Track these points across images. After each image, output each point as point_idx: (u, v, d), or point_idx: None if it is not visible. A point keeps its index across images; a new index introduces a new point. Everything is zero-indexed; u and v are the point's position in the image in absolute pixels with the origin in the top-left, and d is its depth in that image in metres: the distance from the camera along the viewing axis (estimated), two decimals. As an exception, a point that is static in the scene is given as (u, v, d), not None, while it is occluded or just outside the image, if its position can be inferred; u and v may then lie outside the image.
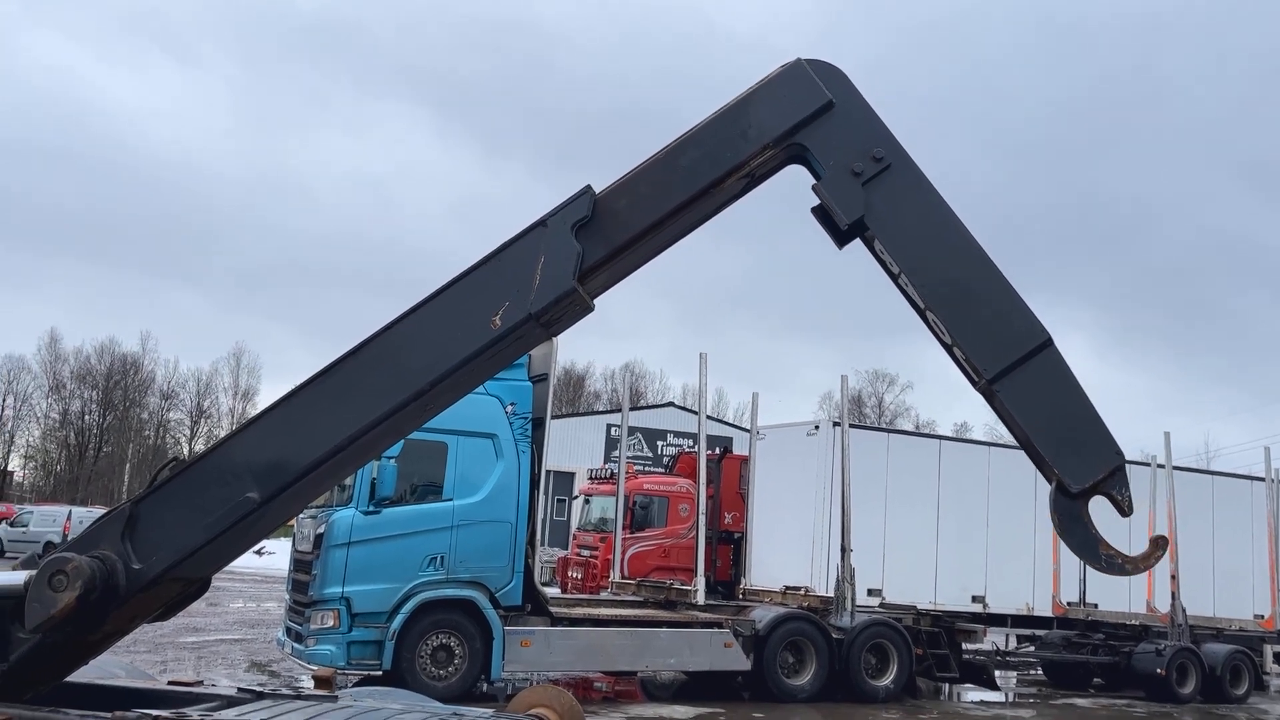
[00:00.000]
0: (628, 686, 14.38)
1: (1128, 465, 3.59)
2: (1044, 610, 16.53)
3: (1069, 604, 16.68)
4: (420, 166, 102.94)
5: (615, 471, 18.73)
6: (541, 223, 3.63)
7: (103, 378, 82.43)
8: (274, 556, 37.91)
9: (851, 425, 15.27)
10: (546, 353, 12.85)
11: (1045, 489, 3.47)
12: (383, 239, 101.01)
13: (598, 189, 3.67)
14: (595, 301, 3.79)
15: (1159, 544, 3.56)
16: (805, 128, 3.66)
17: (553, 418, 12.95)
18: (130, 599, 3.40)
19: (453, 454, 12.09)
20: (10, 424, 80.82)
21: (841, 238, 3.69)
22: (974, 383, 3.62)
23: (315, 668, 10.88)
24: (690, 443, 37.81)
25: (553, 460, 13.23)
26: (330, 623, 11.33)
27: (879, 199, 3.60)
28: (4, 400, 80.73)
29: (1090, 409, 3.52)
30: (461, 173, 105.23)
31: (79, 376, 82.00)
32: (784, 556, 15.91)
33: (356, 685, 9.47)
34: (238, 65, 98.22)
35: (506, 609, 11.96)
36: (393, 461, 11.65)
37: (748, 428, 17.03)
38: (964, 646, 15.88)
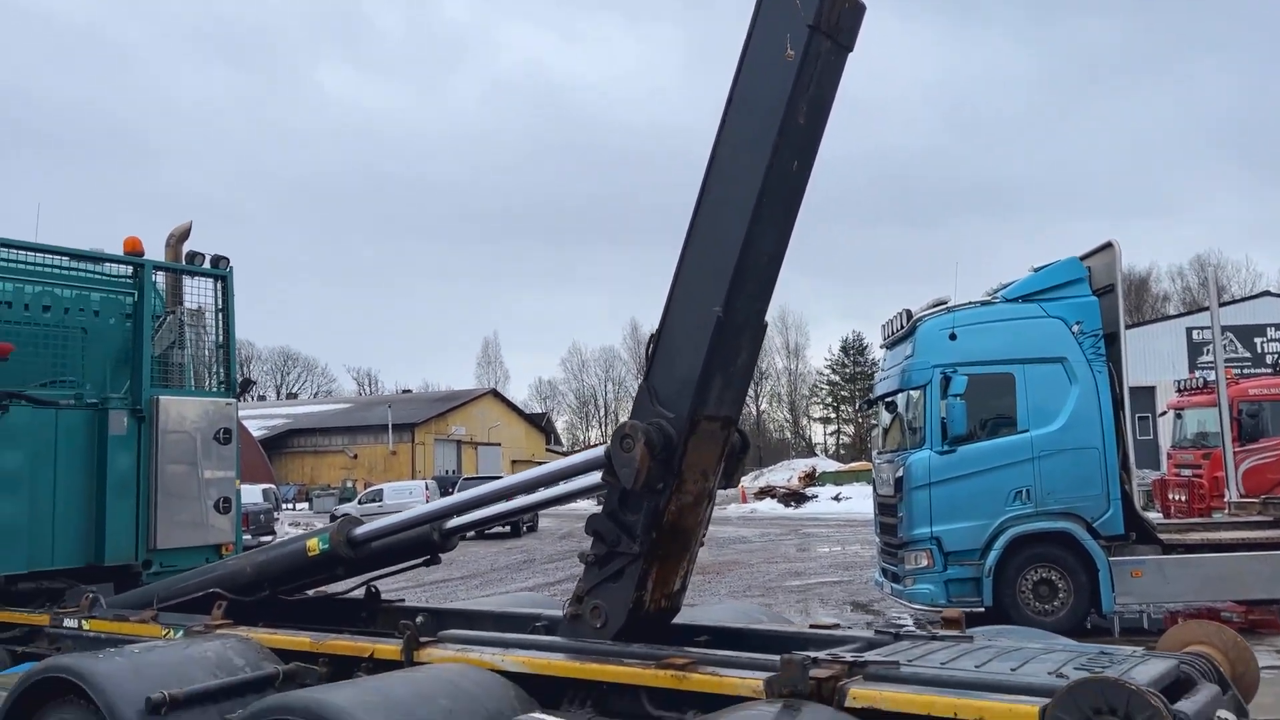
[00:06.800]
0: (1264, 616, 12.71)
1: None
2: None
3: None
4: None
5: (1209, 379, 16.68)
6: None
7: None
8: (850, 501, 39.76)
9: None
10: (1108, 261, 11.83)
11: None
12: (859, 154, 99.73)
13: None
14: None
15: None
16: None
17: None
18: (686, 447, 3.98)
19: (1021, 384, 11.65)
20: (614, 407, 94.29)
21: None
22: None
23: (919, 607, 11.20)
24: (1298, 334, 32.26)
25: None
26: (924, 563, 11.54)
27: None
28: (604, 387, 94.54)
29: None
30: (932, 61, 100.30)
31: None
32: None
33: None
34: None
35: (1108, 539, 11.23)
36: (960, 399, 11.53)
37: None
38: None
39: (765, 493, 46.45)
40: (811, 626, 4.42)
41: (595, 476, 4.39)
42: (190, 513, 7.30)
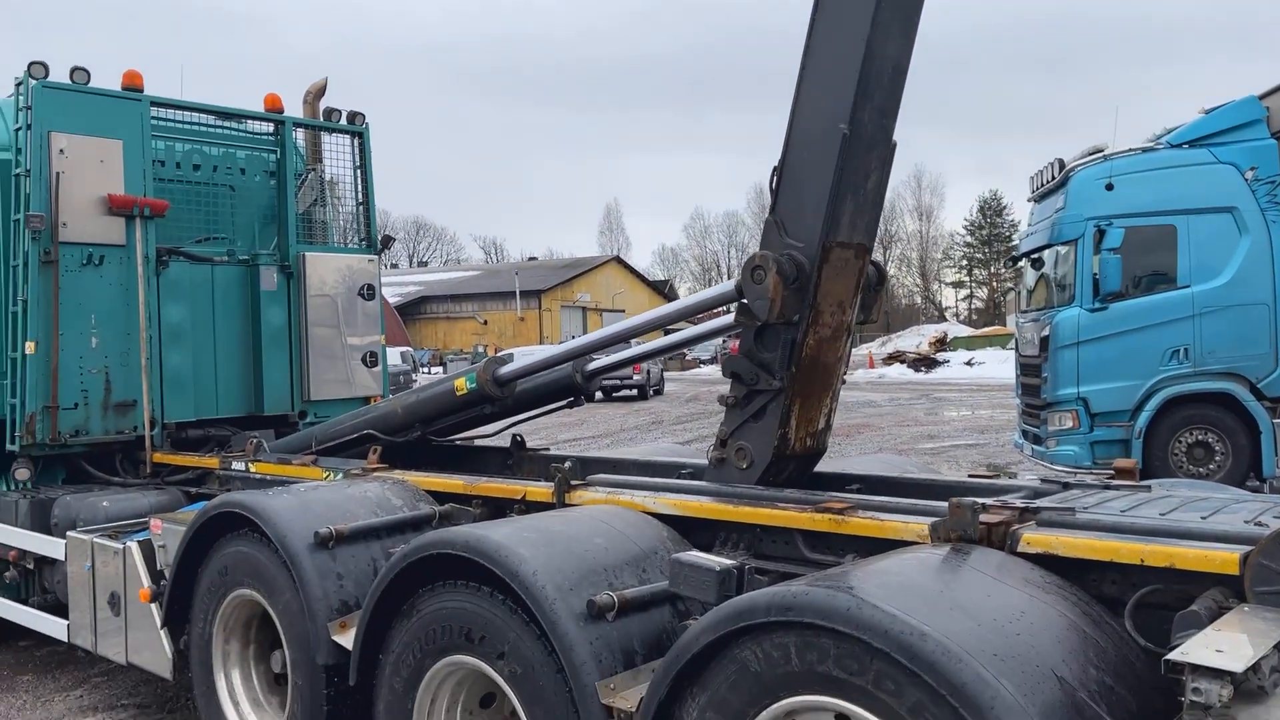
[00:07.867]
0: None
1: None
2: None
3: None
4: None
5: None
6: None
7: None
8: (983, 366, 38.80)
9: None
10: (1292, 99, 10.78)
11: None
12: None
13: None
14: None
15: None
16: None
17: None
18: (820, 276, 3.83)
19: (1183, 236, 10.92)
20: (728, 272, 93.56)
21: None
22: None
23: (1062, 468, 10.88)
24: None
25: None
26: (1069, 423, 11.17)
27: None
28: (728, 253, 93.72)
29: None
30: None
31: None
32: None
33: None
34: None
35: (1273, 400, 10.63)
36: (1114, 254, 10.90)
37: None
38: None
39: (894, 358, 45.75)
40: (970, 475, 4.28)
41: (730, 318, 4.29)
42: (338, 367, 7.54)
